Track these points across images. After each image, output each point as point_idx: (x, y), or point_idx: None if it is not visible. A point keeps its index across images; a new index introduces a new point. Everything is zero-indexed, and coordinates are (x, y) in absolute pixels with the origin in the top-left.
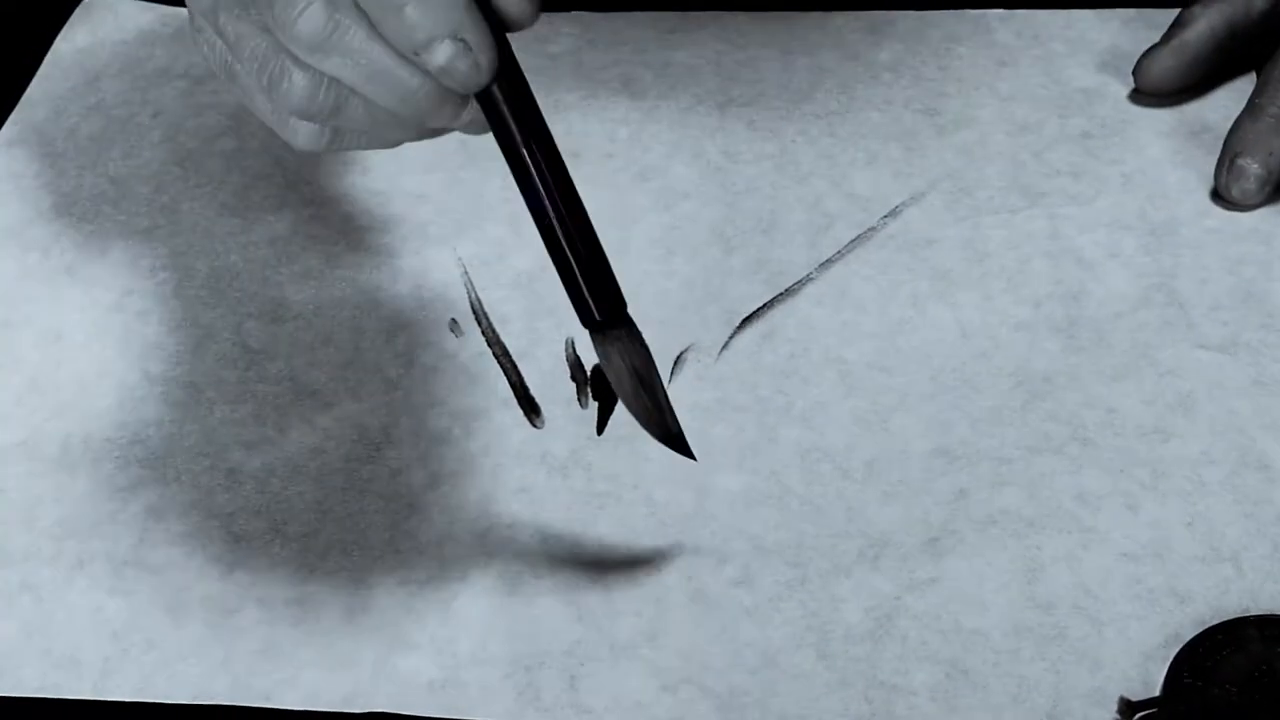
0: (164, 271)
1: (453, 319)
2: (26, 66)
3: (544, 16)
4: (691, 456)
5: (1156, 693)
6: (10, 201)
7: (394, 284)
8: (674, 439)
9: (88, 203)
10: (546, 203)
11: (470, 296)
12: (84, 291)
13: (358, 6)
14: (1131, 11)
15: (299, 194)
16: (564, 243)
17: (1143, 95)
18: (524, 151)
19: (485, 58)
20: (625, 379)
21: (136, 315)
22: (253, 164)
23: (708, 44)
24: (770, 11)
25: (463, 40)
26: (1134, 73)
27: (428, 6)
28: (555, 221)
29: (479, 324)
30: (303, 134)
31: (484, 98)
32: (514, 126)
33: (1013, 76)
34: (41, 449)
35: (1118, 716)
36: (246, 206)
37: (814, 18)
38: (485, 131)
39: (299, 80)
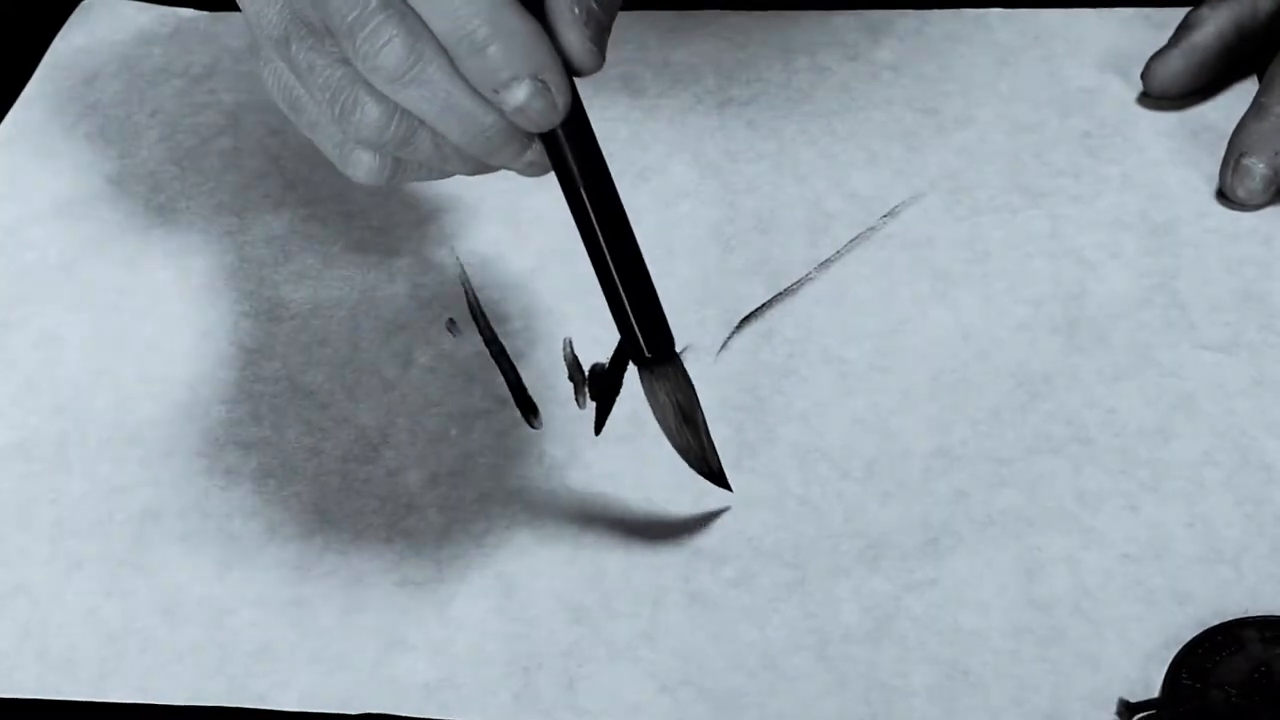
0: (161, 271)
1: (450, 319)
2: (24, 66)
3: None
4: (729, 489)
5: (1156, 694)
6: (7, 201)
7: (391, 284)
8: (715, 475)
9: (85, 202)
10: (603, 242)
11: (468, 296)
12: (81, 291)
13: (438, 42)
14: (1132, 11)
15: (296, 194)
16: (618, 281)
17: (1144, 95)
18: (583, 193)
19: (562, 99)
20: (670, 415)
21: (133, 315)
22: (250, 164)
23: (707, 43)
24: (770, 11)
25: (542, 81)
26: (1142, 76)
27: (512, 47)
28: (610, 260)
29: (477, 324)
30: (365, 166)
31: (549, 138)
32: (575, 168)
33: (1013, 76)
34: (38, 449)
35: (1117, 718)
36: (244, 206)
37: (814, 17)
38: (544, 173)
39: (372, 111)
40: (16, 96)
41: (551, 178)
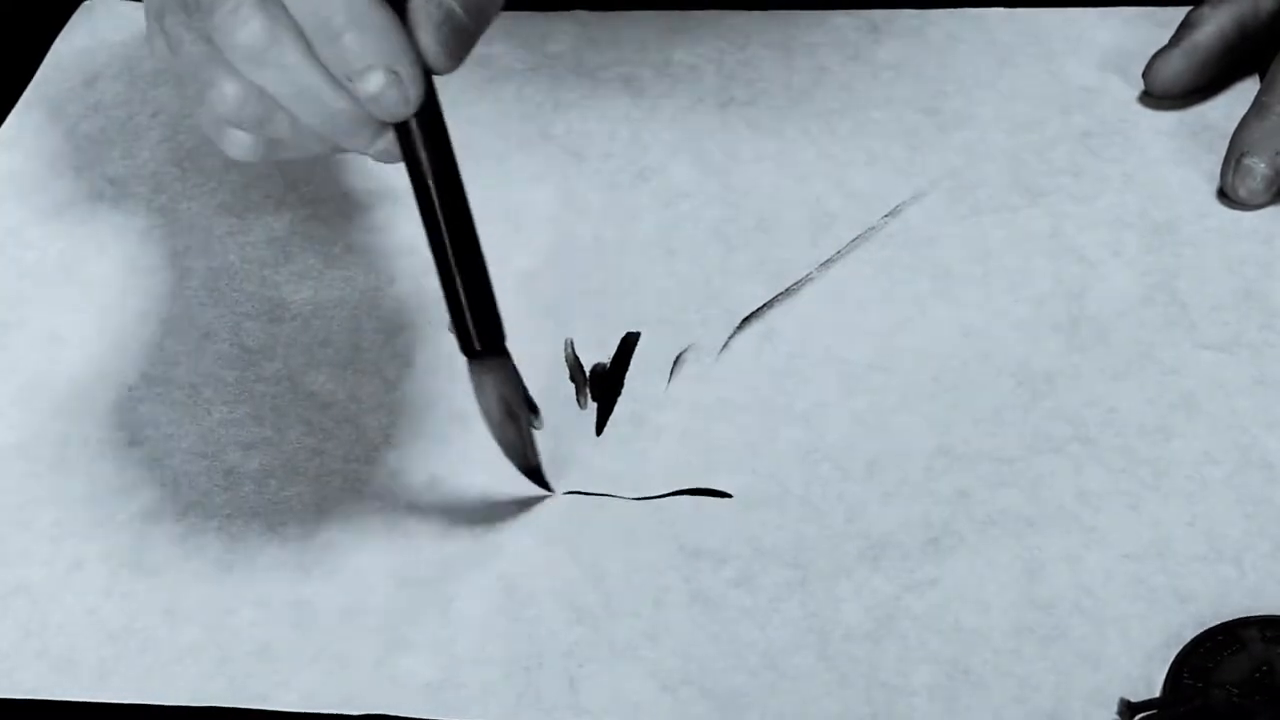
0: (162, 271)
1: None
2: (26, 67)
3: (543, 15)
4: (549, 489)
5: (1157, 693)
6: (8, 202)
7: (392, 285)
8: (532, 471)
9: (86, 203)
10: (445, 235)
11: None
12: (82, 292)
13: (297, 26)
14: (1133, 10)
15: (297, 194)
16: (456, 274)
17: (1145, 94)
18: (430, 185)
19: (414, 91)
20: (495, 408)
21: (134, 316)
22: (251, 164)
23: (708, 43)
24: (771, 10)
25: (395, 72)
26: (1144, 75)
27: (367, 36)
28: (450, 253)
29: None
30: (237, 143)
31: (401, 128)
32: (424, 160)
33: (1013, 75)
34: (38, 450)
35: (1118, 717)
36: (245, 207)
37: (814, 16)
38: (396, 161)
39: (230, 89)
40: (18, 98)
41: (555, 180)
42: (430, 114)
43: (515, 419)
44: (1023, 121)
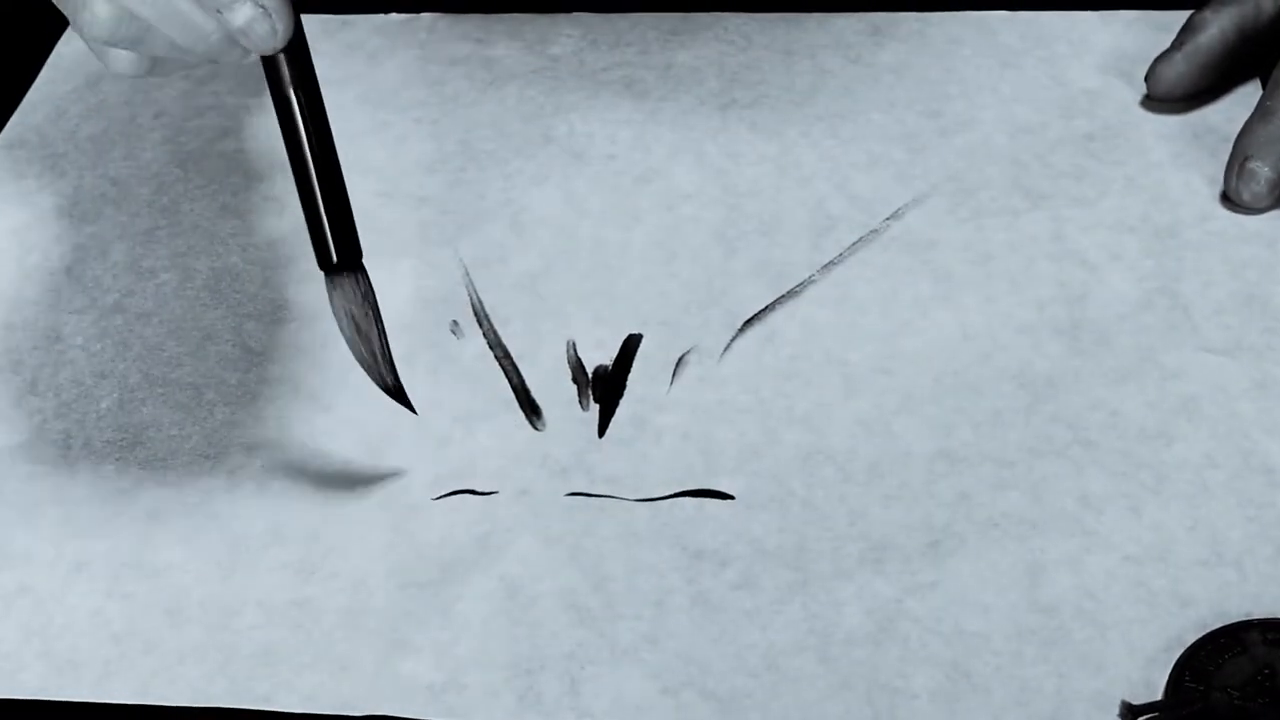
0: (165, 273)
1: (454, 320)
2: (28, 68)
3: (546, 17)
4: (411, 409)
5: (1159, 696)
6: (11, 203)
7: (394, 286)
8: (392, 391)
9: (88, 204)
10: (308, 155)
11: (471, 298)
12: (84, 293)
13: None
14: (1135, 13)
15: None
16: (316, 190)
17: (1147, 98)
18: (295, 112)
19: (282, 24)
20: (345, 323)
21: (137, 317)
22: (254, 165)
23: (710, 45)
24: (772, 13)
25: (262, 6)
26: (1146, 79)
27: None
28: (314, 173)
29: (480, 326)
30: (121, 61)
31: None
32: (290, 89)
33: (1015, 78)
34: (42, 450)
35: None
36: (248, 208)
37: (816, 19)
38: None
39: (101, 11)
40: (20, 99)
41: (556, 181)
42: (298, 42)
43: (365, 337)
44: (1024, 124)
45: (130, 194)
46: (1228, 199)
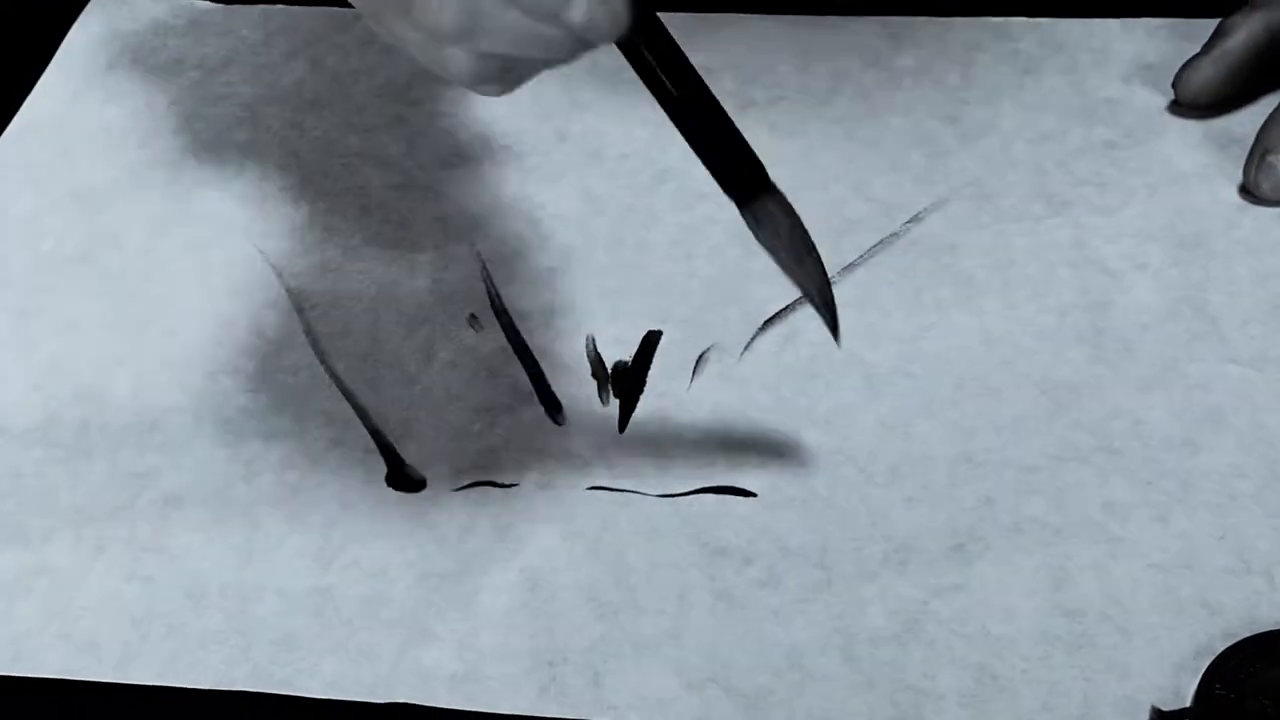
0: (180, 260)
1: (472, 314)
2: (41, 56)
3: None
4: (835, 333)
5: (1187, 703)
6: (25, 189)
7: (412, 278)
8: (828, 305)
9: (102, 191)
10: (691, 117)
11: (489, 292)
12: (100, 280)
13: None
14: (1157, 21)
15: (315, 187)
16: (713, 135)
17: (1172, 106)
18: (664, 81)
19: (621, 6)
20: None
21: (153, 303)
22: (269, 155)
23: (727, 46)
24: (791, 15)
25: None
26: (1173, 84)
27: None
28: (701, 128)
29: (498, 319)
30: (492, 90)
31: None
32: (652, 59)
33: (1035, 85)
34: (58, 433)
35: None
36: (263, 197)
37: (834, 22)
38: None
39: (464, 63)
40: (33, 86)
41: (572, 179)
42: (647, 17)
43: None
44: (1045, 131)
45: (144, 182)
46: (1247, 191)
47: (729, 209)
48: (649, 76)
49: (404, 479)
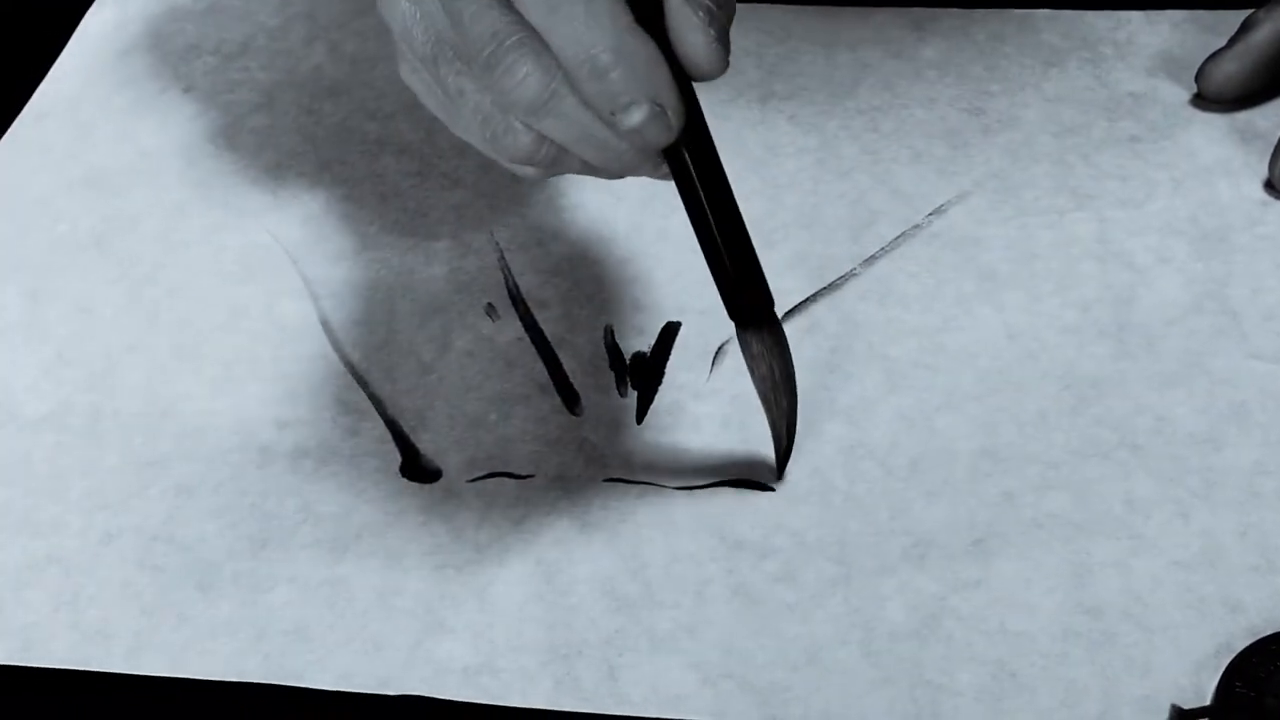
0: (195, 247)
1: (489, 303)
2: (56, 39)
3: None
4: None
5: (1207, 701)
6: (39, 171)
7: (429, 266)
8: (781, 454)
9: (118, 175)
10: (713, 227)
11: (507, 281)
12: (114, 265)
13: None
14: (1181, 14)
15: (332, 174)
16: (724, 255)
17: (1196, 100)
18: (703, 199)
19: (676, 120)
20: (760, 379)
21: (167, 289)
22: (285, 141)
23: (749, 37)
24: (813, 5)
25: (659, 105)
26: (1197, 78)
27: (633, 71)
28: (721, 243)
29: (516, 309)
30: (529, 174)
31: (669, 151)
32: (694, 176)
33: (1059, 77)
34: (70, 420)
35: None
36: (279, 184)
37: (856, 13)
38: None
39: (523, 139)
40: (48, 69)
41: None
42: (695, 130)
43: (778, 393)
44: (1069, 124)
45: (159, 167)
46: (1272, 187)
47: (750, 199)
48: (684, 183)
49: (419, 469)
